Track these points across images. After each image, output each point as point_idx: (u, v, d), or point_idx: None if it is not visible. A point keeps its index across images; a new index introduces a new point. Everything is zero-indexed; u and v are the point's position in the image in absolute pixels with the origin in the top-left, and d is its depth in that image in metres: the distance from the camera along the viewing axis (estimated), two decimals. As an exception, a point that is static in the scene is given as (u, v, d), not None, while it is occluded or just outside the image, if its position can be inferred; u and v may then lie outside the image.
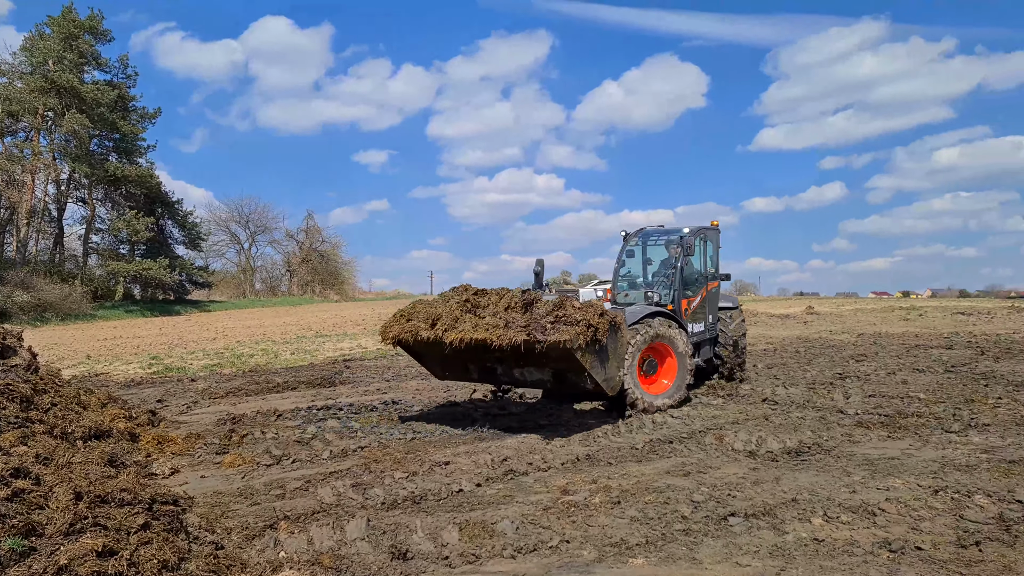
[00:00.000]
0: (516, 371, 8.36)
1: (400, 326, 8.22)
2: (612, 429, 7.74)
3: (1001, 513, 4.66)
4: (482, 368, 8.65)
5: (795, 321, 28.48)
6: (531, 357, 7.55)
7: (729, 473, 5.93)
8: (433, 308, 8.19)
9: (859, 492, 5.25)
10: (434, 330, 7.84)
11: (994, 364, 12.68)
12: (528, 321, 7.40)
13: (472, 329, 7.53)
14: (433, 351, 8.52)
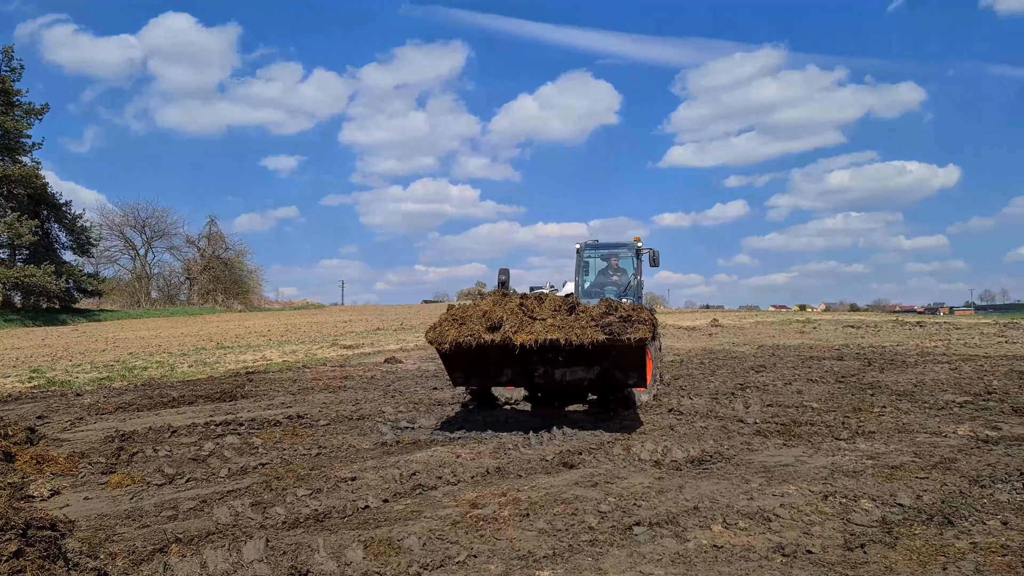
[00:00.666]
0: (559, 372, 8.57)
1: (456, 330, 8.04)
2: (523, 441, 7.75)
3: (884, 516, 4.94)
4: (522, 371, 8.66)
5: (701, 333, 29.57)
6: (581, 356, 8.01)
7: (635, 483, 6.03)
8: (488, 312, 8.13)
9: (756, 499, 5.45)
10: (499, 333, 7.85)
11: (879, 375, 13.53)
12: (594, 322, 7.79)
13: (545, 331, 7.72)
14: (474, 356, 8.25)
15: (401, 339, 28.03)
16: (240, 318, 49.55)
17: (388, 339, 28.24)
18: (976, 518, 4.80)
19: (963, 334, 25.71)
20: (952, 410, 9.33)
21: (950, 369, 14.00)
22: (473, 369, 8.74)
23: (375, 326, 38.75)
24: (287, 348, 24.08)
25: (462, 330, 8.01)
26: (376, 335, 31.10)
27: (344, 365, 17.91)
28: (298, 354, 21.74)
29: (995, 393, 10.59)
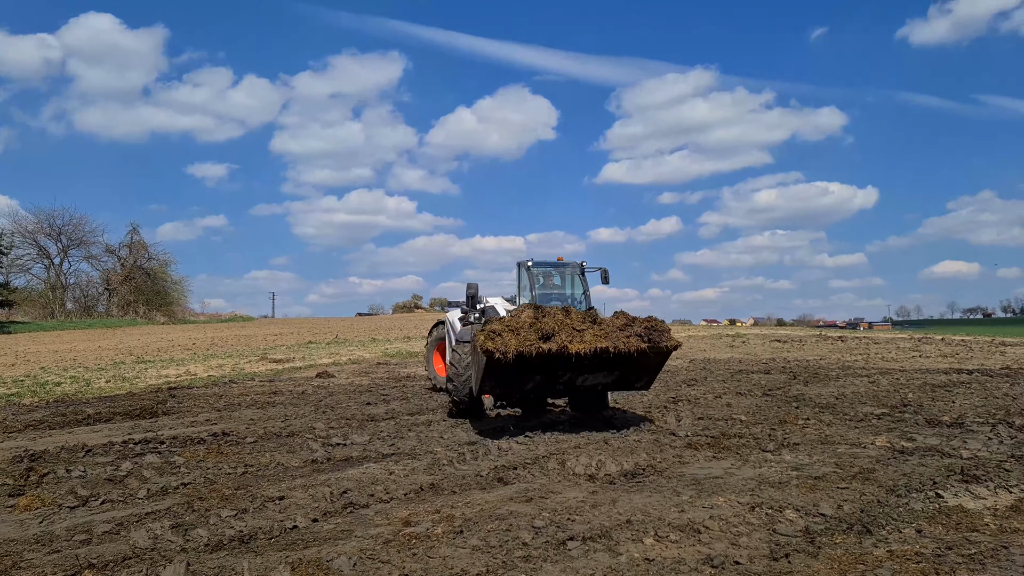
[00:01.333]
0: (581, 377, 9.22)
1: (517, 340, 8.37)
2: (458, 457, 7.67)
3: (807, 526, 5.10)
4: (548, 378, 9.15)
5: (633, 348, 29.98)
6: (606, 363, 8.87)
7: (570, 497, 6.05)
8: (534, 323, 8.62)
9: (687, 511, 5.53)
10: (553, 343, 8.44)
11: (804, 388, 14.02)
12: (630, 331, 8.81)
13: (595, 340, 8.53)
14: (516, 364, 8.50)
15: (334, 353, 27.46)
16: (163, 331, 47.61)
17: (320, 353, 27.63)
18: (893, 526, 5.00)
19: (881, 348, 26.96)
20: (871, 422, 9.74)
21: (869, 382, 14.63)
22: (508, 377, 8.91)
23: (307, 339, 37.86)
24: (213, 362, 23.25)
25: (521, 339, 8.37)
26: (308, 349, 30.38)
27: (273, 380, 17.40)
28: (225, 368, 21.01)
29: (910, 405, 11.11)
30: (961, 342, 30.13)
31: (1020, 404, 10.86)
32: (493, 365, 8.46)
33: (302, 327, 54.99)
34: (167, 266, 68.36)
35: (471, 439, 8.79)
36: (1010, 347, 26.13)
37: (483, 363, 8.50)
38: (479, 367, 8.78)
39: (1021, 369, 16.93)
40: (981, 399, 11.62)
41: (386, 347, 30.36)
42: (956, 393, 12.46)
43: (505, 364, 8.37)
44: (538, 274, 12.16)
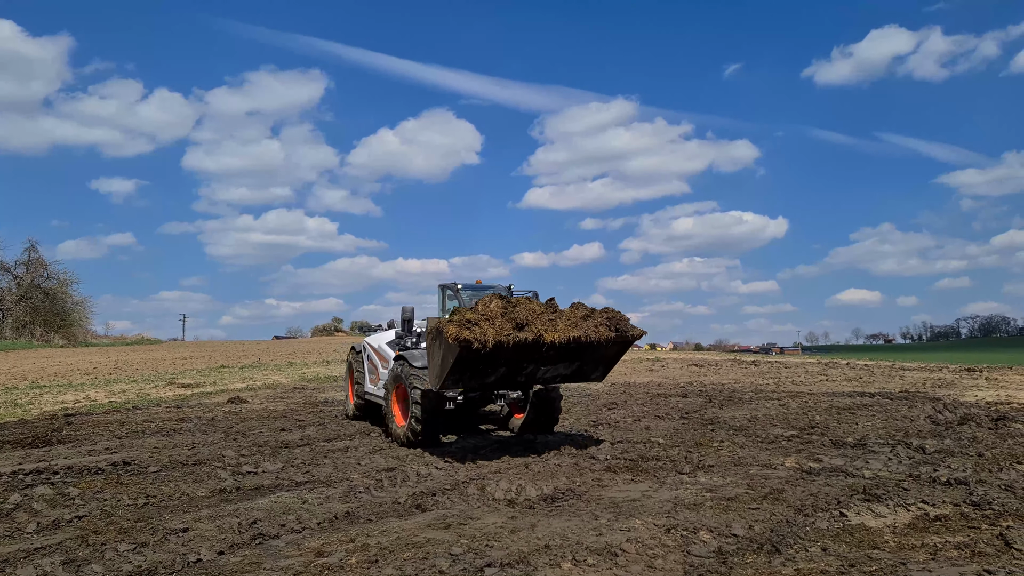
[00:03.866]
0: (543, 369, 9.09)
1: (495, 329, 8.10)
2: (375, 484, 7.48)
3: (720, 547, 5.19)
4: (511, 371, 8.92)
5: (556, 372, 30.17)
6: (569, 353, 8.75)
7: (489, 523, 5.96)
8: (507, 313, 8.35)
9: (604, 534, 5.54)
10: (529, 332, 8.26)
11: (719, 411, 14.42)
12: (593, 321, 8.84)
13: (567, 329, 8.50)
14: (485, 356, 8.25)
15: (248, 377, 26.44)
16: (62, 354, 44.77)
17: (233, 377, 26.54)
18: (800, 545, 5.15)
19: (791, 372, 28.09)
20: (781, 443, 10.08)
21: (780, 405, 15.18)
22: (476, 369, 8.60)
23: (219, 363, 36.33)
24: (116, 387, 21.97)
25: (498, 329, 8.10)
26: (220, 373, 29.13)
27: (181, 406, 16.57)
28: (128, 394, 19.88)
29: (817, 427, 11.58)
30: (864, 366, 31.75)
31: (917, 426, 11.48)
32: (467, 356, 8.08)
33: (214, 350, 52.79)
34: (67, 285, 64.68)
35: (389, 465, 8.58)
36: (908, 371, 27.71)
37: (456, 353, 8.05)
38: (445, 359, 8.36)
39: (918, 392, 17.95)
40: (882, 421, 12.22)
41: (304, 371, 29.48)
42: (859, 415, 13.06)
43: (477, 355, 8.05)
44: (466, 296, 12.02)
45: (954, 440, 9.76)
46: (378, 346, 11.86)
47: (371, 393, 12.07)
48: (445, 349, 8.36)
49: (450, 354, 8.23)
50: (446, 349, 8.33)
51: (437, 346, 8.56)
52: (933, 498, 6.35)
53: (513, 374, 9.04)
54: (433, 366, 8.80)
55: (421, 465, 8.44)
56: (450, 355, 8.24)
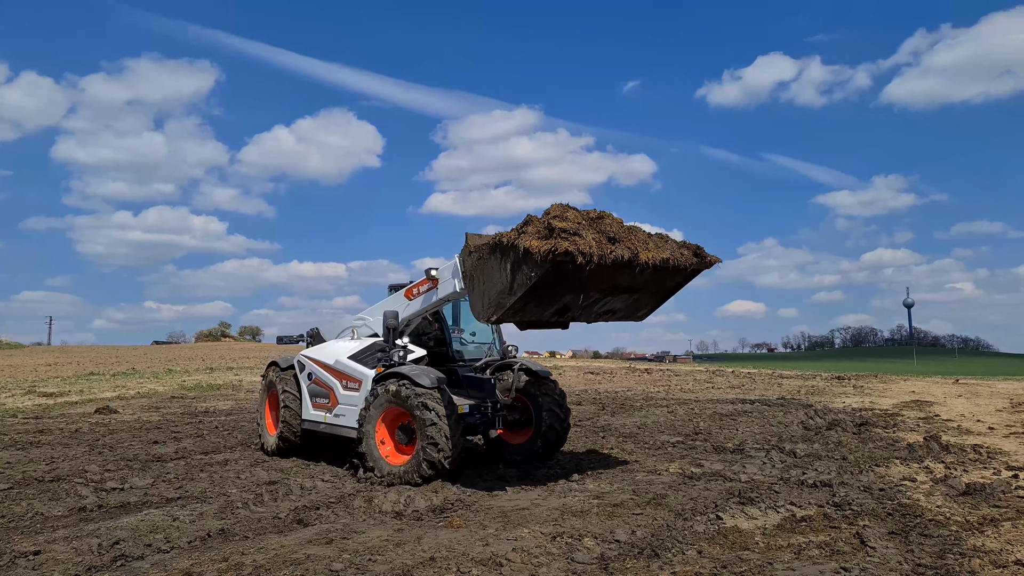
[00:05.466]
0: (603, 301, 7.52)
1: (594, 241, 6.53)
2: (254, 498, 7.12)
3: (603, 553, 5.27)
4: (572, 302, 7.30)
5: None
6: (640, 281, 7.28)
7: (374, 536, 5.80)
8: (596, 223, 6.91)
9: (491, 544, 5.50)
10: (624, 248, 6.74)
11: (611, 418, 14.76)
12: (674, 244, 7.51)
13: (657, 249, 7.12)
14: (567, 277, 6.71)
15: (120, 386, 24.71)
16: (-90, 360, 40.42)
17: (103, 386, 24.72)
18: (678, 549, 5.31)
19: (681, 380, 29.23)
20: (667, 450, 10.42)
21: (668, 412, 15.73)
22: (551, 295, 7.03)
23: (88, 370, 33.79)
24: (-29, 397, 19.98)
25: (597, 242, 6.53)
26: (89, 381, 27.07)
27: (41, 417, 15.24)
28: (-16, 404, 18.12)
29: (701, 433, 12.06)
30: (747, 374, 33.47)
31: (791, 431, 12.17)
32: (558, 274, 6.51)
33: (84, 356, 49.13)
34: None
35: (271, 478, 8.22)
36: (786, 379, 29.44)
37: (542, 272, 6.42)
38: (519, 279, 6.68)
39: (794, 399, 19.08)
40: (760, 427, 12.89)
41: (184, 379, 27.89)
42: (740, 421, 13.72)
43: (570, 274, 6.53)
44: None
45: (822, 444, 10.41)
46: (334, 362, 9.18)
47: (317, 422, 9.37)
48: (521, 266, 6.63)
49: (532, 272, 6.51)
50: (524, 266, 6.59)
51: (500, 265, 6.88)
52: (800, 500, 6.72)
53: (573, 305, 7.36)
54: (487, 291, 7.10)
55: (306, 478, 8.13)
56: (531, 273, 6.53)
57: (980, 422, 13.24)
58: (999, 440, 10.83)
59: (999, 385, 25.20)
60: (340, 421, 8.96)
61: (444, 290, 8.31)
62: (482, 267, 7.19)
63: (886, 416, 14.25)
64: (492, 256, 7.02)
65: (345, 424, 8.82)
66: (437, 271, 8.38)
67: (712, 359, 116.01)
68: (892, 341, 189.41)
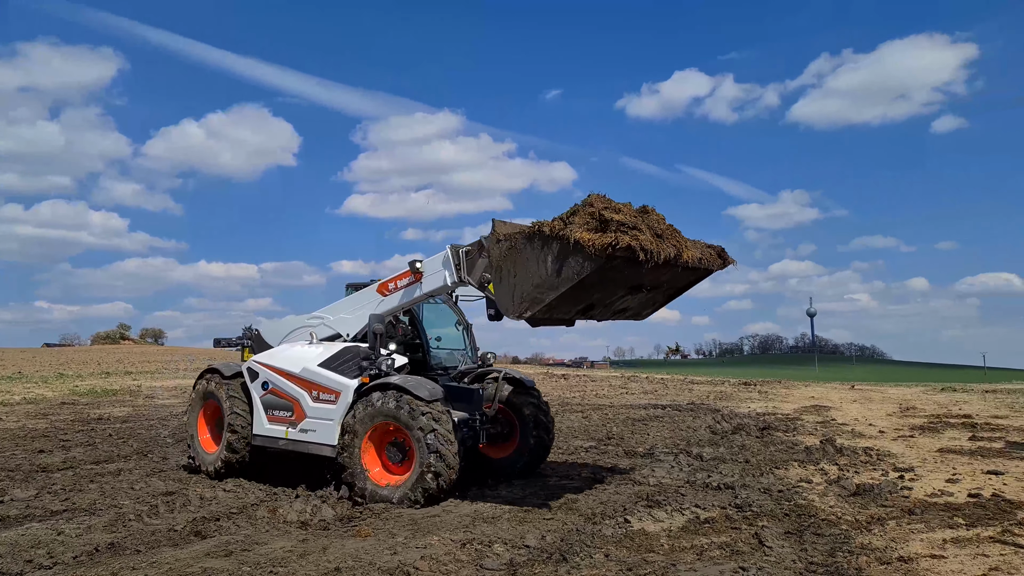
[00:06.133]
0: (624, 298, 7.05)
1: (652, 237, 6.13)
2: (149, 510, 6.75)
3: (512, 559, 5.26)
4: (599, 299, 6.84)
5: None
6: (653, 283, 6.96)
7: (276, 548, 5.59)
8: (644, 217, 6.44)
9: (399, 553, 5.40)
10: (670, 246, 6.28)
11: (525, 423, 14.82)
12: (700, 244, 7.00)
13: (692, 248, 6.67)
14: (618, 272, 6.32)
15: (5, 391, 23.01)
16: None
17: (-9, 391, 23.03)
18: (586, 553, 5.36)
19: (597, 385, 29.78)
20: (580, 454, 10.55)
21: (583, 417, 15.96)
22: (591, 291, 6.59)
23: (-25, 374, 31.42)
24: None
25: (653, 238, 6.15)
26: (-24, 386, 25.16)
27: (-82, 424, 14.04)
28: None
29: (613, 438, 12.28)
30: (660, 380, 34.45)
31: (698, 435, 12.57)
32: (612, 269, 6.12)
33: (-28, 359, 45.61)
34: None
35: (168, 489, 7.82)
36: (697, 384, 30.46)
37: (595, 267, 5.98)
38: (566, 272, 6.17)
39: (702, 404, 19.73)
40: (670, 431, 13.25)
41: (76, 384, 26.28)
42: (651, 426, 14.07)
43: (625, 268, 6.20)
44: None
45: (727, 448, 10.80)
46: (301, 370, 8.10)
47: (274, 437, 8.23)
48: (568, 259, 6.12)
49: (584, 265, 6.04)
50: (572, 259, 6.09)
51: (539, 256, 6.33)
52: (705, 502, 6.93)
53: (599, 303, 6.97)
54: (521, 284, 6.54)
55: (206, 488, 7.77)
56: (582, 266, 6.06)
57: (872, 426, 14.06)
58: (888, 443, 11.52)
59: (891, 391, 26.90)
60: (308, 437, 7.90)
61: (430, 284, 7.75)
62: (514, 257, 6.57)
63: (787, 420, 14.94)
64: (529, 246, 6.43)
65: (315, 440, 7.82)
66: (422, 263, 7.79)
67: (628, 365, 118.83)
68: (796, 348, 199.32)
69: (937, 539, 5.67)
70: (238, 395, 8.69)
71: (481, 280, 7.43)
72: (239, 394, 8.69)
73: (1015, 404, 18.86)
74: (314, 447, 7.87)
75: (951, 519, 6.30)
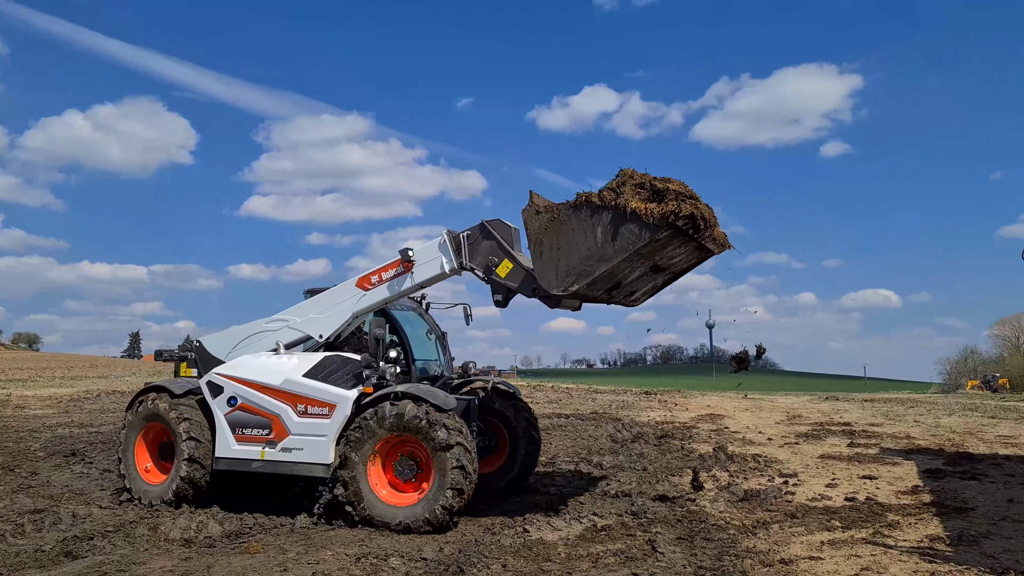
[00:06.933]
0: (642, 279, 6.94)
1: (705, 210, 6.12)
2: (14, 529, 6.24)
3: (408, 572, 5.17)
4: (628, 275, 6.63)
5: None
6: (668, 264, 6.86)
7: (156, 568, 5.28)
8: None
9: (290, 569, 5.21)
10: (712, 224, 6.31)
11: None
12: None
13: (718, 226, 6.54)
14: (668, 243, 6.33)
15: None
16: None
17: None
18: (483, 564, 5.33)
19: (502, 395, 29.86)
20: (482, 464, 10.52)
21: (487, 427, 15.94)
22: (637, 263, 6.49)
23: None
24: None
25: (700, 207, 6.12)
26: None
27: None
28: None
29: (516, 447, 12.32)
30: (566, 389, 34.92)
31: (599, 444, 12.81)
32: (663, 241, 6.12)
33: None
34: None
35: (37, 506, 7.22)
36: (600, 394, 31.07)
37: (649, 237, 5.95)
38: (622, 242, 6.05)
39: (605, 413, 20.15)
40: (572, 440, 13.43)
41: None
42: (554, 435, 14.21)
43: (680, 239, 6.23)
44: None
45: (626, 456, 11.06)
46: (282, 382, 7.26)
47: (246, 459, 7.28)
48: (620, 230, 6.02)
49: (640, 235, 5.98)
50: (624, 229, 6.00)
51: (588, 227, 6.18)
52: (602, 510, 7.05)
53: (625, 281, 6.80)
54: (567, 256, 6.30)
55: (80, 505, 7.25)
56: (639, 235, 5.99)
57: (761, 433, 14.78)
58: (775, 449, 12.12)
59: (780, 400, 28.40)
60: (293, 456, 7.05)
61: (424, 273, 7.28)
62: (558, 229, 6.33)
63: (684, 428, 15.48)
64: (575, 217, 6.24)
65: (303, 460, 7.00)
66: (414, 251, 7.27)
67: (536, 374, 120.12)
68: (696, 359, 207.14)
69: (815, 541, 5.99)
70: (195, 415, 7.54)
71: (488, 264, 6.95)
72: (195, 414, 7.55)
73: (890, 413, 20.31)
74: (301, 467, 7.03)
75: (828, 522, 6.67)
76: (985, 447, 12.04)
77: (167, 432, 7.63)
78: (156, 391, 7.87)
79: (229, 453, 7.36)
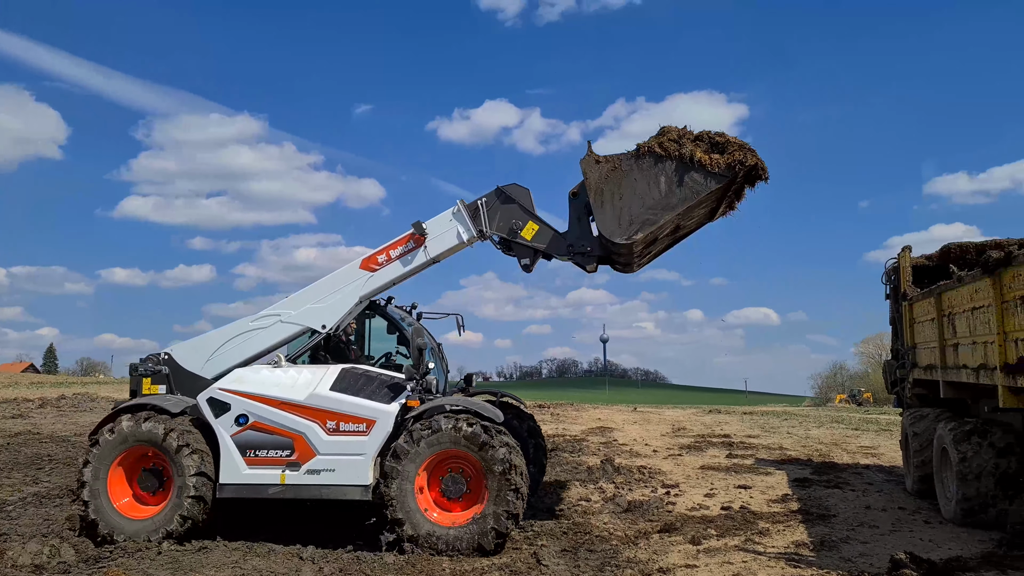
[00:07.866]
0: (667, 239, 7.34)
1: None
2: None
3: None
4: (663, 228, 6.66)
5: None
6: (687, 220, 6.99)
7: (-4, 600, 4.78)
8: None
9: (153, 597, 4.87)
10: None
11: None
12: None
13: None
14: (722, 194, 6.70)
15: None
16: None
17: None
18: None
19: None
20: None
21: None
22: (695, 212, 6.78)
23: None
24: None
25: None
26: None
27: None
28: None
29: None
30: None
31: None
32: (723, 192, 6.54)
33: None
34: None
35: None
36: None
37: (717, 184, 6.23)
38: (688, 190, 6.24)
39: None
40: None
41: None
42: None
43: (736, 187, 6.57)
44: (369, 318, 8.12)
45: (517, 469, 11.10)
46: (306, 396, 6.61)
47: (261, 485, 6.55)
48: (684, 178, 6.23)
49: (706, 183, 6.22)
50: (688, 177, 6.22)
51: (651, 175, 6.31)
52: (490, 524, 7.01)
53: (660, 234, 6.93)
54: (629, 205, 6.36)
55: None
56: (705, 183, 6.22)
57: (648, 445, 15.25)
58: (660, 461, 12.54)
59: (667, 412, 29.46)
60: (323, 479, 6.43)
61: (439, 246, 6.94)
62: (618, 179, 6.42)
63: (574, 441, 15.75)
64: (637, 167, 6.38)
65: (335, 482, 6.41)
66: (427, 224, 6.93)
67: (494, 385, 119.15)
68: (590, 372, 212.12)
69: (692, 550, 6.22)
70: (195, 439, 6.61)
71: (512, 228, 6.80)
72: (195, 437, 6.63)
73: (766, 425, 21.48)
74: (332, 491, 6.44)
75: (705, 531, 6.94)
76: (848, 457, 12.94)
77: (155, 458, 6.69)
78: (143, 410, 6.72)
79: (238, 479, 6.56)
